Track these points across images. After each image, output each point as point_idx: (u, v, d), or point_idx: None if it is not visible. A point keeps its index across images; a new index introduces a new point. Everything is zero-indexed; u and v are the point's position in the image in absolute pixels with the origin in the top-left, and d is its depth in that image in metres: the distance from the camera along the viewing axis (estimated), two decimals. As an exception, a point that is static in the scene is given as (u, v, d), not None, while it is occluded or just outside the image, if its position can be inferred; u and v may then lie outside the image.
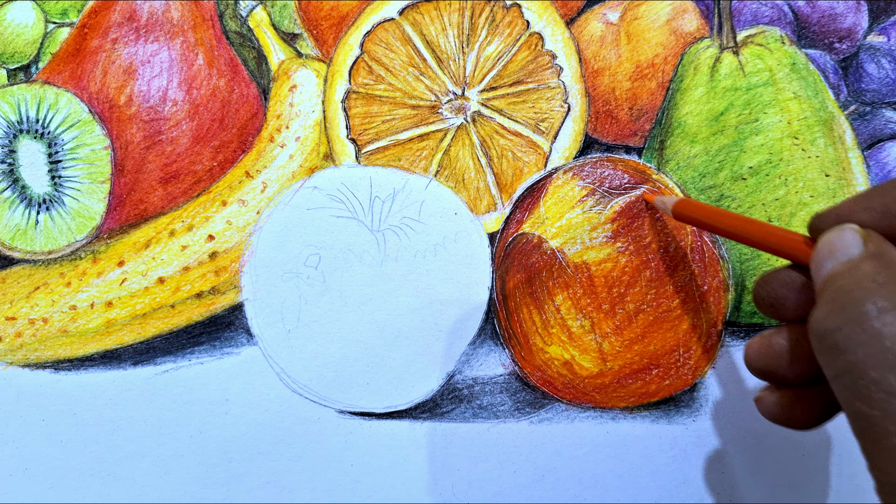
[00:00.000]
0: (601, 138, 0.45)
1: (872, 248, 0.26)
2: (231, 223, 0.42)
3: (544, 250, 0.38)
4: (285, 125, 0.43)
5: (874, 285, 0.24)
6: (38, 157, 0.42)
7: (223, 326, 0.42)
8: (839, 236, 0.27)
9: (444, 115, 0.43)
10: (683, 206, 0.35)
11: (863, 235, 0.26)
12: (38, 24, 0.44)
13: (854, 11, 0.45)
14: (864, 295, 0.24)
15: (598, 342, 0.38)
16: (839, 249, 0.26)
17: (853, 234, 0.26)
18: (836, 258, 0.26)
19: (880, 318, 0.24)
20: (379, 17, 0.43)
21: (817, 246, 0.27)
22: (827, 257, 0.26)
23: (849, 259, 0.26)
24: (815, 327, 0.25)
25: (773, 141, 0.40)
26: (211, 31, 0.44)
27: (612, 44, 0.44)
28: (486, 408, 0.40)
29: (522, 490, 0.39)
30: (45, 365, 0.42)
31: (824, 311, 0.25)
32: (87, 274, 0.42)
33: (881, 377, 0.23)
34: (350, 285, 0.40)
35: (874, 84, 0.44)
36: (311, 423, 0.40)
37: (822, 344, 0.25)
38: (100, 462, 0.40)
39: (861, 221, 0.27)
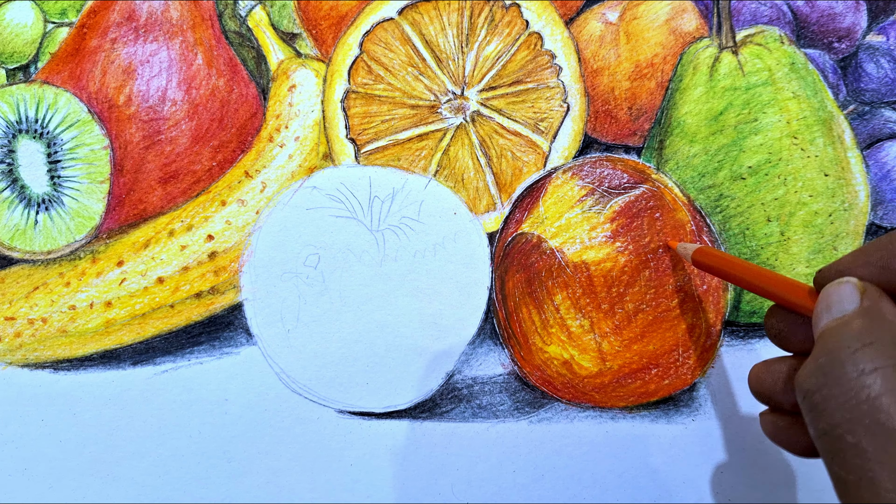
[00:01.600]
0: (600, 138, 0.45)
1: (866, 303, 0.25)
2: (230, 223, 0.42)
3: (543, 250, 0.38)
4: (284, 125, 0.43)
5: (858, 345, 0.24)
6: (38, 156, 0.42)
7: (222, 326, 0.42)
8: (837, 290, 0.26)
9: (443, 114, 0.43)
10: (702, 254, 0.35)
11: (860, 290, 0.26)
12: (37, 24, 0.44)
13: (853, 11, 0.45)
14: (847, 355, 0.24)
15: (598, 342, 0.38)
16: (835, 304, 0.26)
17: (851, 288, 0.26)
18: (832, 313, 0.26)
19: (859, 381, 0.23)
20: (378, 17, 0.43)
21: (819, 299, 0.27)
22: (824, 311, 0.26)
23: (842, 314, 0.26)
24: (799, 384, 0.25)
25: (772, 140, 0.40)
26: (210, 31, 0.44)
27: (612, 43, 0.44)
28: (486, 407, 0.40)
29: (522, 490, 0.39)
30: (44, 365, 0.42)
31: (809, 369, 0.25)
32: (86, 274, 0.42)
33: (856, 442, 0.23)
34: (349, 285, 0.40)
35: (873, 84, 0.44)
36: (311, 422, 0.40)
37: (805, 402, 0.25)
38: (99, 462, 0.40)
39: (861, 276, 0.27)
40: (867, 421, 0.23)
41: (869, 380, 0.23)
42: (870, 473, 0.22)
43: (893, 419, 0.22)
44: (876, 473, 0.22)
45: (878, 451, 0.22)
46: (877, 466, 0.22)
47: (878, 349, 0.24)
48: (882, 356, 0.24)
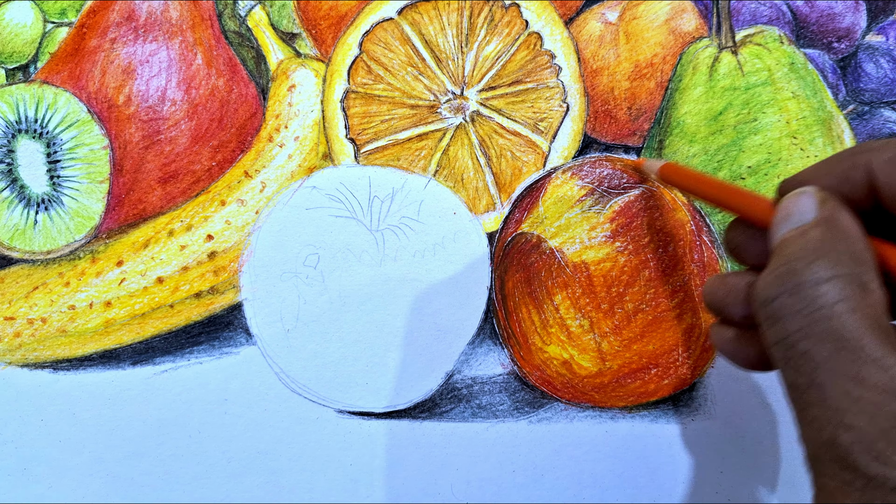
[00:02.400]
0: (600, 138, 0.45)
1: (825, 212, 0.26)
2: (230, 223, 0.42)
3: (543, 250, 0.38)
4: (284, 125, 0.43)
5: (815, 255, 0.24)
6: (37, 156, 0.42)
7: (222, 326, 0.42)
8: (795, 201, 0.26)
9: (442, 114, 0.43)
10: (669, 169, 0.35)
11: (818, 199, 0.26)
12: (36, 24, 0.44)
13: (852, 11, 0.45)
14: (804, 265, 0.24)
15: (597, 342, 0.38)
16: (794, 214, 0.26)
17: (809, 198, 0.26)
18: (791, 222, 0.26)
19: (816, 289, 0.24)
20: (378, 17, 0.43)
21: (776, 210, 0.27)
22: (782, 221, 0.26)
23: (801, 224, 0.26)
24: (756, 294, 0.25)
25: (771, 140, 0.40)
26: (209, 31, 0.44)
27: (611, 43, 0.44)
28: (485, 407, 0.40)
29: (521, 490, 0.39)
30: (43, 365, 0.42)
31: (768, 279, 0.25)
32: (85, 274, 0.42)
33: (810, 347, 0.23)
34: (349, 285, 0.40)
35: (873, 83, 0.44)
36: (310, 422, 0.40)
37: (762, 311, 0.25)
38: (99, 462, 0.40)
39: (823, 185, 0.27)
40: (820, 328, 0.23)
41: (824, 288, 0.23)
42: (818, 379, 0.23)
43: (845, 327, 0.23)
44: (824, 379, 0.23)
45: (827, 358, 0.23)
46: (825, 373, 0.23)
47: (834, 258, 0.24)
48: (838, 265, 0.24)
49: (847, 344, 0.23)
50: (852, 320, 0.23)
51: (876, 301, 0.24)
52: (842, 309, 0.23)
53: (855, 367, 0.22)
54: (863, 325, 0.23)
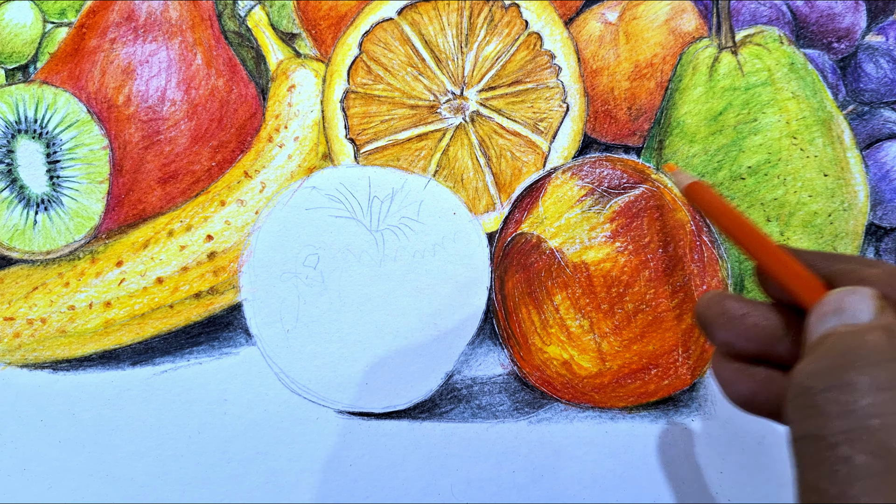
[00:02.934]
0: (600, 138, 0.45)
1: (885, 320, 0.24)
2: (230, 223, 0.42)
3: (543, 250, 0.38)
4: (284, 125, 0.43)
5: (878, 358, 0.22)
6: (37, 157, 0.42)
7: (222, 326, 0.42)
8: (853, 296, 0.25)
9: (442, 114, 0.43)
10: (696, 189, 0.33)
11: (878, 304, 0.24)
12: (36, 24, 0.44)
13: (852, 11, 0.45)
14: (865, 365, 0.22)
15: (597, 342, 0.38)
16: (848, 310, 0.24)
17: (868, 298, 0.25)
18: (843, 318, 0.24)
19: (874, 395, 0.21)
20: (377, 17, 0.43)
21: (826, 297, 0.25)
22: (833, 313, 0.25)
23: (856, 323, 0.24)
24: (798, 381, 0.23)
25: (771, 140, 0.40)
26: (209, 31, 0.44)
27: (611, 43, 0.44)
28: (485, 408, 0.40)
29: (521, 490, 0.39)
30: (43, 365, 0.42)
31: (814, 367, 0.23)
32: (85, 274, 0.42)
33: (852, 455, 0.21)
34: (349, 285, 0.40)
35: (872, 84, 0.44)
36: (310, 423, 0.40)
37: (800, 400, 0.23)
38: (98, 462, 0.40)
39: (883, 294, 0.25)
40: (872, 439, 0.21)
41: (884, 397, 0.21)
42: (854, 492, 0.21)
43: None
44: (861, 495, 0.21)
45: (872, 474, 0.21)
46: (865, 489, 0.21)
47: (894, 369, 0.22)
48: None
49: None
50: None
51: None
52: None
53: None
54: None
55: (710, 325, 0.29)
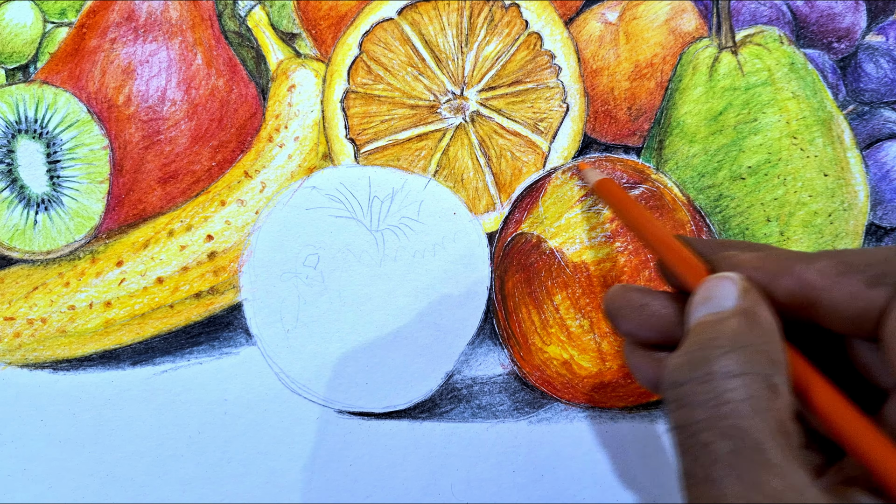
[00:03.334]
0: (600, 138, 0.45)
1: (745, 304, 0.25)
2: (230, 223, 0.42)
3: (543, 250, 0.38)
4: (284, 125, 0.43)
5: (731, 346, 0.24)
6: (37, 156, 0.42)
7: (222, 326, 0.42)
8: (718, 284, 0.26)
9: (442, 114, 0.43)
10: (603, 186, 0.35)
11: (741, 288, 0.26)
12: (36, 24, 0.44)
13: (852, 11, 0.45)
14: (717, 355, 0.24)
15: (598, 342, 0.38)
16: (713, 298, 0.26)
17: (731, 285, 0.26)
18: (709, 306, 0.26)
19: (725, 382, 0.23)
20: (377, 17, 0.43)
21: (697, 288, 0.27)
22: (701, 303, 0.26)
23: (720, 310, 0.25)
24: (666, 375, 0.25)
25: (771, 140, 0.40)
26: (209, 31, 0.44)
27: (611, 43, 0.44)
28: (485, 408, 0.40)
29: (521, 490, 0.39)
30: (43, 365, 0.42)
31: (679, 361, 0.25)
32: (85, 274, 0.42)
33: (710, 441, 0.22)
34: (349, 285, 0.40)
35: (872, 84, 0.44)
36: (310, 423, 0.40)
37: (669, 394, 0.25)
38: (98, 462, 0.40)
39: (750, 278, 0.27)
40: (724, 424, 0.23)
41: (734, 383, 0.23)
42: (714, 475, 0.22)
43: (749, 427, 0.22)
44: (721, 476, 0.22)
45: (728, 455, 0.22)
46: (722, 469, 0.22)
47: (748, 354, 0.24)
48: (751, 362, 0.24)
49: (749, 444, 0.22)
50: (757, 421, 0.22)
51: (784, 405, 0.23)
52: (748, 408, 0.23)
53: (753, 470, 0.22)
54: (767, 428, 0.22)
55: (614, 316, 0.31)
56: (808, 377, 0.25)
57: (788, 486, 0.22)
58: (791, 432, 0.23)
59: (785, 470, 0.22)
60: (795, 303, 0.27)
